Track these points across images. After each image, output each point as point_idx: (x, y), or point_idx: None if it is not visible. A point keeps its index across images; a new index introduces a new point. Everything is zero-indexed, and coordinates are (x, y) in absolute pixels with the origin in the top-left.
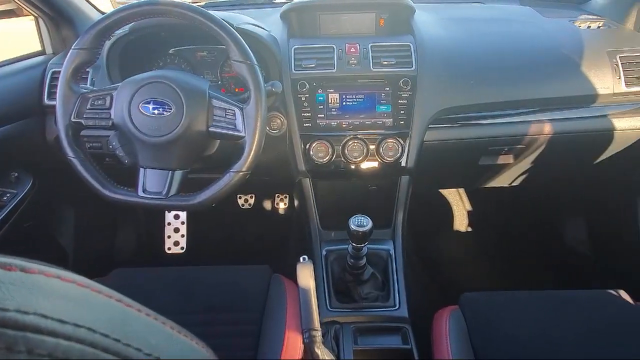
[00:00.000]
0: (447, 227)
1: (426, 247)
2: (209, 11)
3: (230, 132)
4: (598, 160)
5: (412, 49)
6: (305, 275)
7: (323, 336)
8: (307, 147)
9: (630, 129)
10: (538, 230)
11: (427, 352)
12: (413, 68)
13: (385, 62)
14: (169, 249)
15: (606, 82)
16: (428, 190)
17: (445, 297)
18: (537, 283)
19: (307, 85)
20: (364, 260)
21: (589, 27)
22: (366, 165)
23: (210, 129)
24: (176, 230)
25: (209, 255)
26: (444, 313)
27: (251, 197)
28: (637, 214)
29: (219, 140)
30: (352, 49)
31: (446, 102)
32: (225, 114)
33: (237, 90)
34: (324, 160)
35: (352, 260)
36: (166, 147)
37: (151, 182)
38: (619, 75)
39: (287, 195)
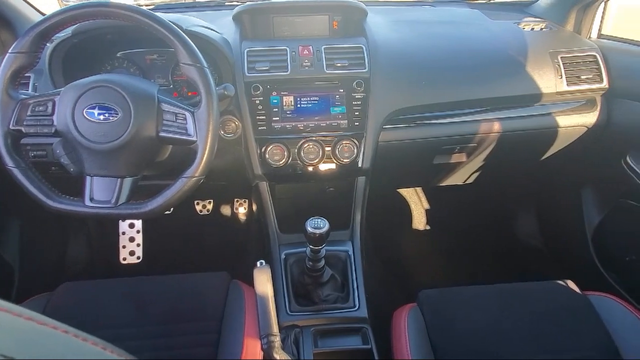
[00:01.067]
0: (406, 226)
1: (386, 247)
2: (156, 14)
3: (181, 136)
4: (545, 157)
5: (364, 51)
6: (262, 280)
7: (283, 340)
8: (263, 150)
9: (573, 126)
10: (493, 225)
11: (387, 351)
12: (366, 70)
13: (339, 64)
14: (125, 259)
15: (549, 81)
16: (386, 190)
17: (407, 295)
18: (492, 277)
19: (261, 88)
20: (322, 262)
21: (532, 29)
22: (322, 167)
23: (160, 134)
24: (131, 239)
25: (167, 264)
26: (403, 311)
27: (209, 203)
28: (581, 206)
29: (170, 146)
30: (306, 51)
31: (399, 103)
32: (176, 119)
33: (190, 94)
34: (280, 163)
35: (310, 263)
36: (114, 154)
37: (99, 191)
38: (561, 75)
39: (247, 200)
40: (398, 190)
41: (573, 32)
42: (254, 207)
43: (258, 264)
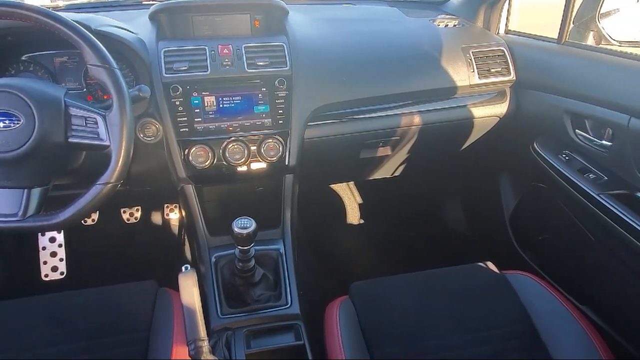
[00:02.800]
0: (340, 221)
1: (321, 242)
2: (63, 14)
3: (93, 141)
4: (463, 146)
5: (285, 49)
6: (188, 285)
7: (214, 344)
8: (186, 152)
9: (487, 116)
10: (422, 215)
11: (321, 345)
12: (287, 68)
13: (260, 63)
14: (47, 275)
15: (462, 75)
16: (318, 186)
17: (343, 288)
18: (424, 264)
19: (181, 89)
20: (252, 262)
21: (446, 25)
22: (249, 166)
23: (70, 140)
24: (53, 254)
25: (94, 278)
26: (334, 304)
27: (137, 210)
28: (499, 191)
29: (84, 152)
30: (225, 50)
31: (322, 100)
32: (86, 123)
33: (105, 97)
34: (205, 165)
35: (240, 264)
36: (17, 163)
37: (2, 204)
38: (473, 69)
39: (178, 205)
40: (331, 185)
41: (483, 28)
42: (183, 212)
43: (183, 268)
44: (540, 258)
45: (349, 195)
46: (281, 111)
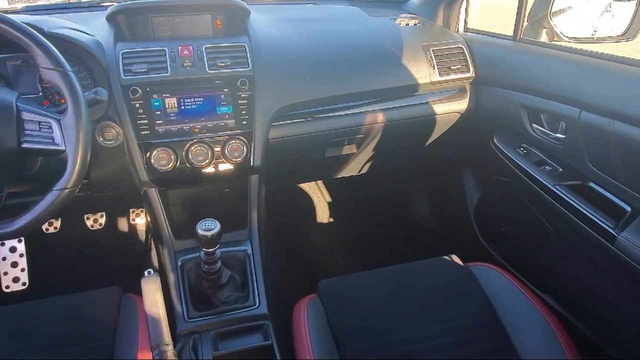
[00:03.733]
0: (309, 219)
1: (290, 241)
2: (13, 16)
3: (47, 146)
4: (427, 143)
5: (247, 49)
6: (151, 290)
7: (181, 348)
8: (148, 155)
9: (448, 113)
10: (390, 211)
11: (290, 344)
12: (249, 68)
13: (221, 63)
14: (7, 287)
15: (423, 72)
16: (286, 185)
17: (313, 286)
18: (392, 259)
19: (140, 91)
20: (218, 264)
21: (407, 24)
22: (213, 168)
23: (23, 146)
24: (14, 264)
25: (58, 287)
26: (302, 303)
27: (101, 216)
28: (463, 186)
29: (40, 157)
30: (186, 51)
31: (286, 100)
32: (40, 127)
33: (62, 101)
34: (168, 167)
35: (206, 266)
36: None
37: None
38: (433, 66)
39: (144, 209)
40: (299, 185)
41: (443, 26)
42: (148, 216)
43: (146, 273)
44: (503, 249)
45: (318, 194)
46: (244, 112)
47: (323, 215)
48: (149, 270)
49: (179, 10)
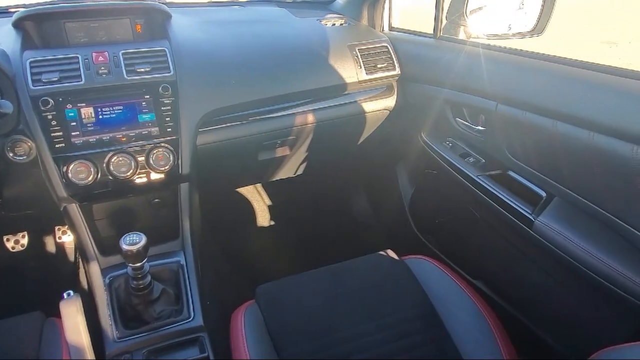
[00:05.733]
0: (250, 224)
1: (231, 247)
2: None
3: None
4: (360, 141)
5: (168, 54)
6: (71, 313)
7: None
8: (65, 169)
9: (377, 110)
10: (329, 210)
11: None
12: (171, 73)
13: (141, 69)
14: None
15: (351, 72)
16: (220, 192)
17: (255, 293)
18: (334, 259)
19: (52, 102)
20: (148, 279)
21: (333, 24)
22: (139, 179)
23: None
24: None
25: None
26: (240, 310)
27: (23, 237)
28: (398, 181)
29: None
30: (101, 58)
31: (212, 104)
32: None
33: None
34: (88, 181)
35: (135, 282)
36: None
37: None
38: (360, 65)
39: None
40: (238, 189)
41: (368, 26)
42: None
43: (65, 295)
44: (438, 240)
45: (257, 198)
46: (168, 118)
47: (263, 218)
48: (68, 291)
49: (94, 15)
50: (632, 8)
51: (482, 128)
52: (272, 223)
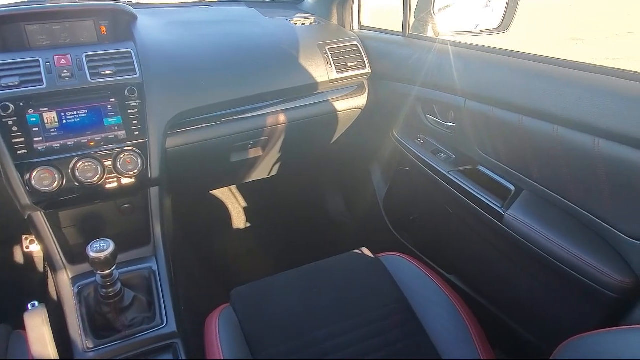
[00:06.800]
0: (225, 226)
1: (206, 251)
2: None
3: None
4: (333, 140)
5: (133, 56)
6: (36, 325)
7: None
8: (28, 177)
9: (349, 109)
10: (306, 210)
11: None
12: (137, 75)
13: (106, 72)
14: None
15: (321, 71)
16: (194, 195)
17: (230, 296)
18: (310, 259)
19: (12, 107)
20: (118, 286)
21: (303, 24)
22: (106, 184)
23: None
24: None
25: None
26: (214, 314)
27: None
28: (372, 179)
29: None
30: (63, 61)
31: (181, 106)
32: None
33: None
34: (53, 188)
35: (104, 290)
36: None
37: None
38: (331, 64)
39: None
40: (212, 192)
41: (338, 25)
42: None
43: (29, 306)
44: (412, 237)
45: (232, 200)
46: (135, 122)
47: (238, 220)
48: (32, 302)
49: (56, 17)
50: (603, 5)
51: (452, 124)
52: (247, 225)
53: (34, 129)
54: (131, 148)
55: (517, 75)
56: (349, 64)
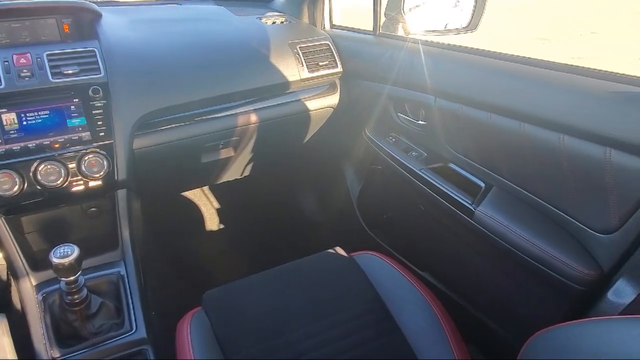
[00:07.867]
0: (198, 228)
1: (178, 253)
2: None
3: None
4: (306, 139)
5: (97, 55)
6: None
7: None
8: None
9: (322, 108)
10: (280, 210)
11: None
12: (102, 74)
13: (68, 71)
14: None
15: (292, 70)
16: (165, 196)
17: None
18: (285, 260)
19: None
20: (84, 292)
21: (273, 22)
22: (70, 187)
23: None
24: None
25: None
26: (185, 319)
27: None
28: (345, 177)
29: None
30: (22, 60)
31: (148, 106)
32: None
33: None
34: (13, 192)
35: (69, 297)
36: None
37: None
38: (302, 63)
39: None
40: (184, 193)
41: (309, 24)
42: None
43: None
44: (386, 235)
45: (205, 201)
46: (100, 122)
47: (211, 222)
48: None
49: (15, 14)
50: (569, 6)
51: (423, 122)
52: (220, 226)
53: None
54: (96, 150)
55: (485, 73)
56: (320, 63)
